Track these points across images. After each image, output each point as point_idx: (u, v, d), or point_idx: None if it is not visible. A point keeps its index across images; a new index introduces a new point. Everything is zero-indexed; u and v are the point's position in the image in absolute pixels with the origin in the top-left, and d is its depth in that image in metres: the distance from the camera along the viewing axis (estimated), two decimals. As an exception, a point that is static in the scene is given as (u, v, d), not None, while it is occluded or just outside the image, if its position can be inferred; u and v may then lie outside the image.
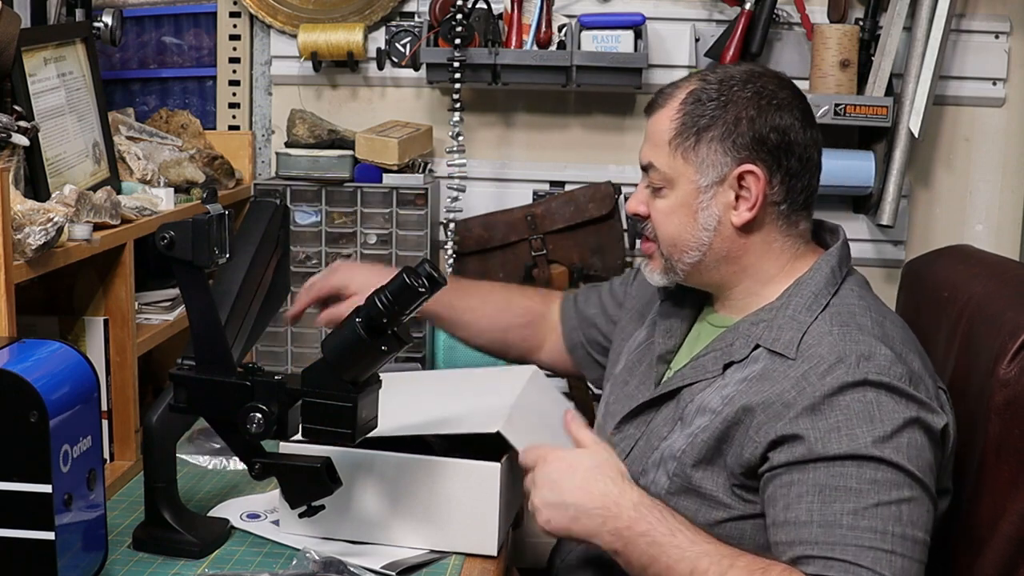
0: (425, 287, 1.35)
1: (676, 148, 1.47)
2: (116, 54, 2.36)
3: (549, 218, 2.31)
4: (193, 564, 1.47)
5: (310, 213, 2.20)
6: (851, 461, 1.29)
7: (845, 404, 1.32)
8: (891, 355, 1.35)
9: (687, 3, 2.29)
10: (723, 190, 1.46)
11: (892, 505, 1.28)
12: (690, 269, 1.50)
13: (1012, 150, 2.33)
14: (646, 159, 1.51)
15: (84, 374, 1.30)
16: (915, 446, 1.31)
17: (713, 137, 1.45)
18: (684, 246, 1.49)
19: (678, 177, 1.47)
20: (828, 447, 1.30)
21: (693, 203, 1.47)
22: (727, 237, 1.47)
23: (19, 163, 1.65)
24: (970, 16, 2.28)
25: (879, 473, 1.28)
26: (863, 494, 1.28)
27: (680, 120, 1.47)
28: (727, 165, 1.45)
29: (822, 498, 1.29)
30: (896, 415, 1.31)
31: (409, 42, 2.29)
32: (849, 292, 1.46)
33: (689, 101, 1.47)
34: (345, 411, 1.37)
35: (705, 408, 1.43)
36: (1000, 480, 1.35)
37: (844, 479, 1.29)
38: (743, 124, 1.44)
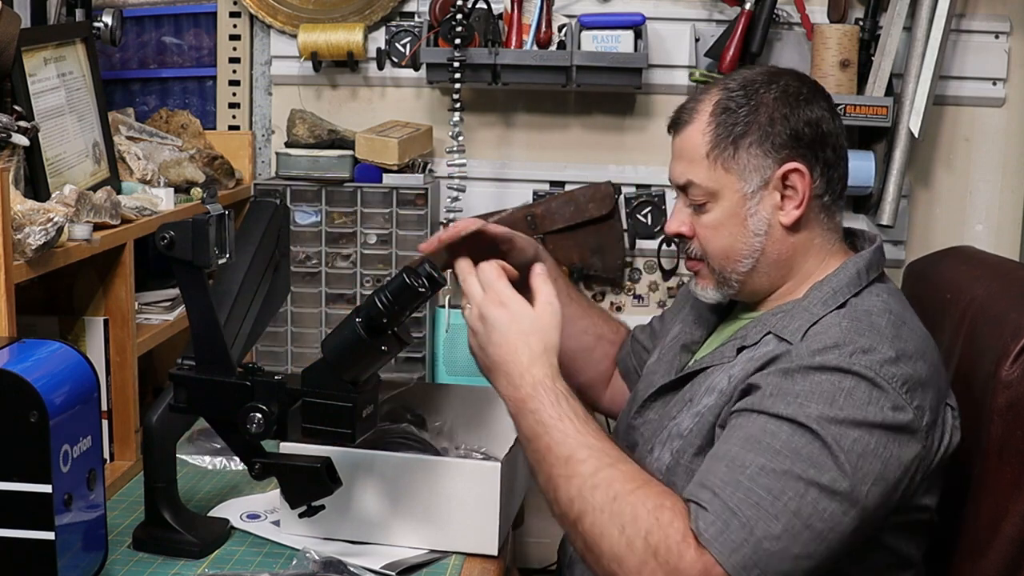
0: (425, 287, 1.35)
1: (715, 160, 1.46)
2: (116, 54, 2.36)
3: (549, 218, 2.31)
4: (193, 564, 1.47)
5: (310, 213, 2.20)
6: (788, 424, 1.28)
7: (817, 381, 1.31)
8: (892, 356, 1.33)
9: (687, 3, 2.29)
10: (768, 193, 1.46)
11: (803, 482, 1.25)
12: (744, 278, 1.50)
13: (1012, 150, 2.33)
14: (682, 178, 1.50)
15: (84, 374, 1.30)
16: (862, 446, 1.27)
17: (751, 142, 1.45)
18: (737, 255, 1.48)
19: (722, 189, 1.46)
20: (776, 405, 1.30)
21: (741, 211, 1.46)
22: (778, 239, 1.47)
23: (19, 163, 1.65)
24: (970, 16, 2.28)
25: (807, 448, 1.26)
26: (780, 456, 1.26)
27: (714, 132, 1.46)
28: (769, 167, 1.45)
29: (744, 444, 1.28)
30: (860, 411, 1.28)
31: (409, 42, 2.29)
32: (874, 296, 1.45)
33: (718, 112, 1.47)
34: (345, 411, 1.37)
35: (713, 388, 1.44)
36: (1002, 481, 1.35)
37: (772, 437, 1.28)
38: (777, 124, 1.45)
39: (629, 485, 1.27)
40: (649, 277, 2.38)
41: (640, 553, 1.23)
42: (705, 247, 1.50)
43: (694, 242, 1.52)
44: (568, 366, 1.82)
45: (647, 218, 2.34)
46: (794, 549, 1.23)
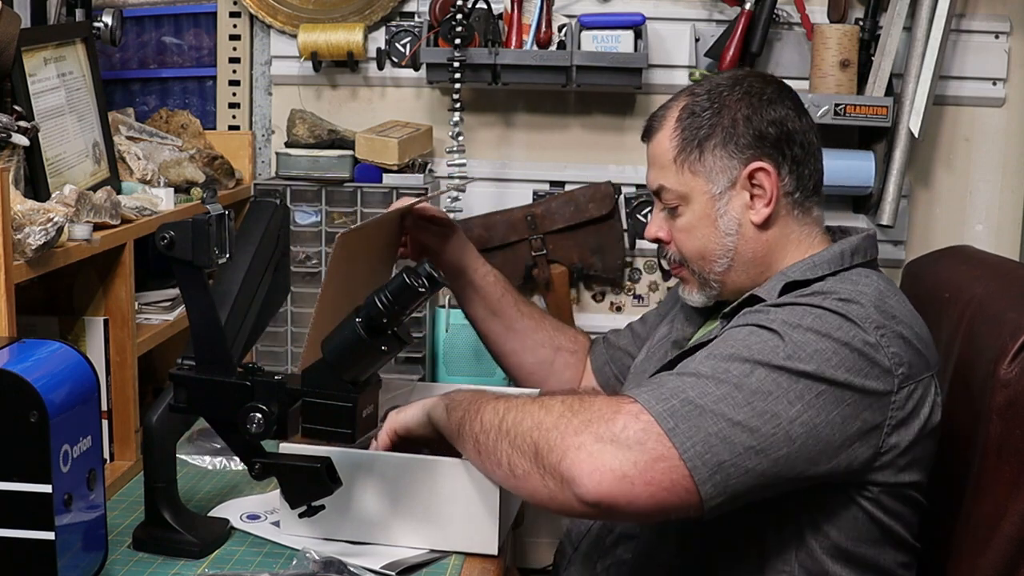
0: (425, 287, 1.35)
1: (682, 164, 1.50)
2: (116, 54, 2.36)
3: (549, 218, 2.31)
4: (193, 564, 1.47)
5: (310, 213, 2.20)
6: (748, 328, 1.33)
7: (788, 310, 1.33)
8: (872, 308, 1.33)
9: (687, 3, 2.29)
10: (737, 192, 1.49)
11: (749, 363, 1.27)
12: (722, 278, 1.53)
13: (1012, 150, 2.33)
14: (655, 183, 1.55)
15: (84, 374, 1.30)
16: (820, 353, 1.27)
17: (715, 144, 1.48)
18: (712, 256, 1.51)
19: (691, 192, 1.51)
20: (738, 323, 1.34)
21: (711, 212, 1.50)
22: (751, 237, 1.50)
23: (19, 163, 1.65)
24: (970, 16, 2.28)
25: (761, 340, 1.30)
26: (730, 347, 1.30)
27: (680, 136, 1.51)
28: (735, 168, 1.48)
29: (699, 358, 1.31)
30: (827, 327, 1.29)
31: (409, 42, 2.29)
32: (862, 275, 1.45)
33: (683, 117, 1.51)
34: (345, 411, 1.37)
35: (697, 355, 1.44)
36: (1001, 480, 1.35)
37: (726, 341, 1.32)
38: (740, 125, 1.48)
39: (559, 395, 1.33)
40: (649, 277, 2.39)
41: (576, 426, 1.25)
42: (681, 250, 1.54)
43: (671, 247, 1.56)
44: (529, 380, 1.86)
45: (647, 218, 2.33)
46: (731, 414, 1.23)
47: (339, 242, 1.54)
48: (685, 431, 1.22)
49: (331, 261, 1.55)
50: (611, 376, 1.84)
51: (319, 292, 1.56)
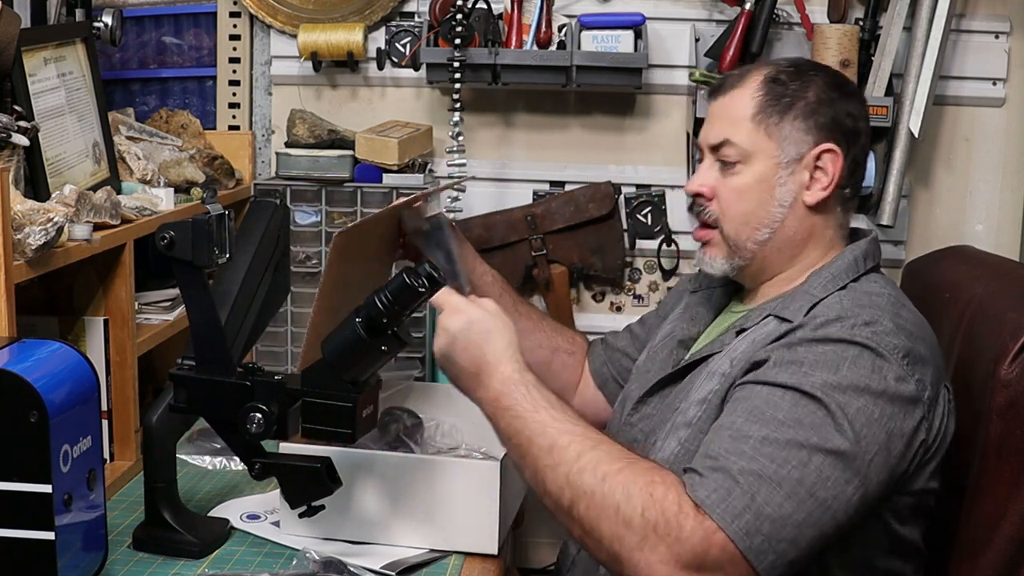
0: (425, 287, 1.35)
1: (759, 123, 1.49)
2: (116, 54, 2.36)
3: (549, 218, 2.31)
4: (193, 564, 1.47)
5: (310, 213, 2.20)
6: (791, 393, 1.29)
7: (820, 351, 1.32)
8: (893, 327, 1.35)
9: (687, 3, 2.29)
10: (799, 169, 1.49)
11: (807, 450, 1.24)
12: (758, 249, 1.51)
13: (1012, 150, 2.33)
14: (719, 136, 1.52)
15: (84, 374, 1.30)
16: (866, 415, 1.27)
17: (796, 115, 1.49)
18: (757, 223, 1.50)
19: (758, 152, 1.49)
20: (779, 375, 1.31)
21: (772, 179, 1.49)
22: (799, 216, 1.50)
23: (19, 163, 1.65)
24: (970, 16, 2.27)
25: (811, 416, 1.26)
26: (784, 426, 1.26)
27: (763, 97, 1.50)
28: (808, 144, 1.49)
29: (748, 416, 1.29)
30: (864, 379, 1.29)
31: (409, 42, 2.29)
32: (872, 282, 1.48)
33: (768, 80, 1.51)
34: (345, 411, 1.37)
35: (715, 372, 1.45)
36: (1001, 481, 1.35)
37: (775, 408, 1.28)
38: (824, 105, 1.49)
39: (616, 464, 1.27)
40: (649, 277, 2.38)
41: (639, 529, 1.22)
42: (725, 210, 1.52)
43: (713, 204, 1.53)
44: (548, 364, 1.84)
45: (647, 218, 2.34)
46: (798, 516, 1.23)
47: (336, 241, 1.54)
48: (759, 547, 1.22)
49: (329, 260, 1.55)
50: (609, 378, 1.84)
51: (316, 291, 1.56)
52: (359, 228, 1.61)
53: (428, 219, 1.77)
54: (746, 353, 1.42)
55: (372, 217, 1.69)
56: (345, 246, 1.55)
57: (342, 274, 1.58)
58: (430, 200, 2.07)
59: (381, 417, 1.69)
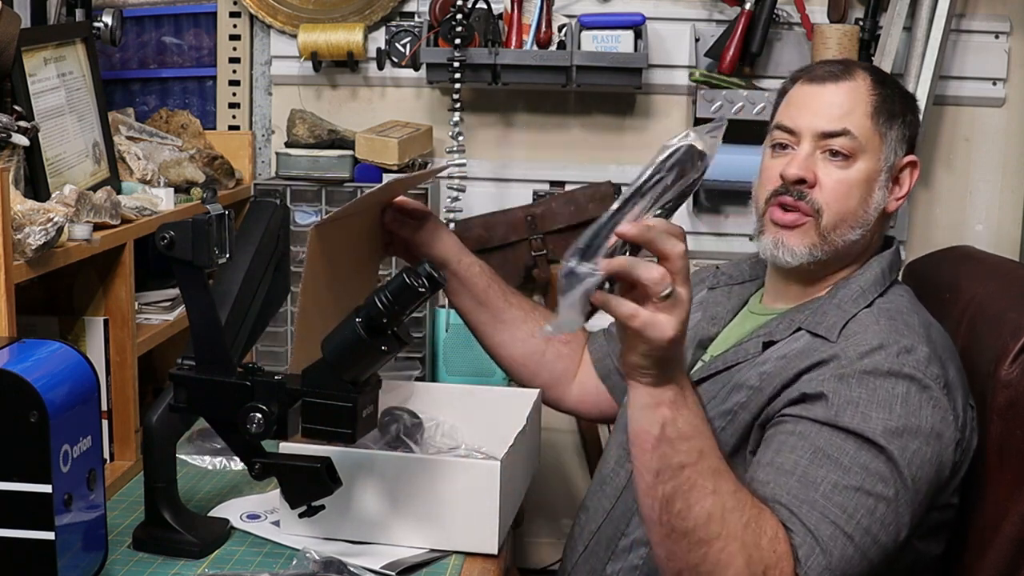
0: (425, 287, 1.35)
1: (876, 122, 1.50)
2: (116, 54, 2.36)
3: (549, 218, 2.31)
4: (193, 564, 1.47)
5: (310, 213, 2.20)
6: (854, 439, 1.30)
7: (873, 386, 1.32)
8: (930, 354, 1.36)
9: (687, 3, 2.29)
10: (890, 176, 1.52)
11: (872, 497, 1.27)
12: (844, 246, 1.50)
13: (1012, 150, 2.33)
14: (839, 124, 1.48)
15: (84, 374, 1.30)
16: (920, 457, 1.30)
17: (901, 123, 1.51)
18: (854, 221, 1.49)
19: (871, 151, 1.49)
20: (840, 417, 1.31)
21: (875, 180, 1.50)
22: (880, 222, 1.53)
23: (19, 163, 1.65)
24: (970, 16, 2.28)
25: (875, 462, 1.29)
26: (851, 473, 1.28)
27: (879, 97, 1.50)
28: (900, 153, 1.52)
29: (813, 458, 1.29)
30: (915, 418, 1.31)
31: (409, 42, 2.29)
32: (898, 296, 1.49)
33: (878, 81, 1.52)
34: (345, 411, 1.37)
35: (743, 385, 1.44)
36: (1002, 482, 1.35)
37: (840, 452, 1.29)
38: (911, 117, 1.53)
39: (754, 510, 1.24)
40: (649, 277, 2.38)
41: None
42: (830, 201, 1.48)
43: (815, 192, 1.48)
44: (520, 372, 1.85)
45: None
46: (863, 563, 1.28)
47: (313, 235, 1.53)
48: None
49: (308, 255, 1.53)
50: (612, 369, 1.83)
51: (300, 288, 1.55)
52: (336, 221, 1.60)
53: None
54: (778, 370, 1.41)
55: (349, 207, 1.65)
56: (324, 240, 1.55)
57: (325, 268, 1.57)
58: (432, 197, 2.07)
59: (381, 417, 1.69)
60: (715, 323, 1.62)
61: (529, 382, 1.85)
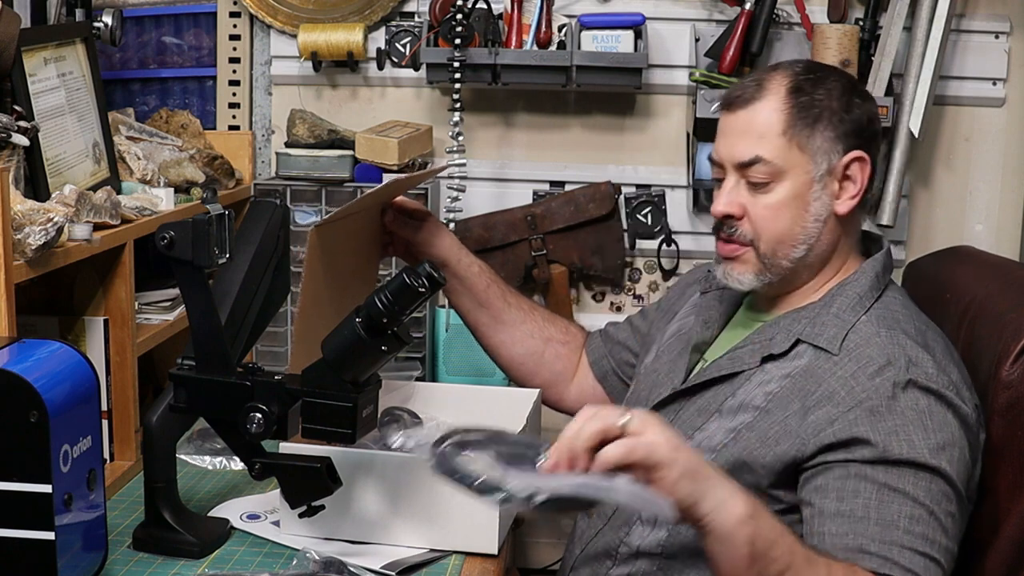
0: (425, 287, 1.35)
1: (791, 139, 1.45)
2: (116, 54, 2.36)
3: (549, 218, 2.31)
4: (193, 564, 1.47)
5: (310, 213, 2.20)
6: (909, 467, 1.31)
7: (901, 409, 1.33)
8: (933, 362, 1.37)
9: (687, 3, 2.29)
10: (831, 180, 1.47)
11: (943, 516, 1.31)
12: (794, 266, 1.48)
13: (1012, 150, 2.33)
14: (748, 154, 1.46)
15: (84, 374, 1.30)
16: (962, 461, 1.33)
17: (826, 126, 1.45)
18: (793, 240, 1.47)
19: (791, 168, 1.45)
20: (889, 450, 1.32)
21: (807, 194, 1.46)
22: (831, 228, 1.48)
23: (19, 163, 1.65)
24: (970, 16, 2.27)
25: (934, 484, 1.31)
26: (919, 501, 1.30)
27: (791, 110, 1.45)
28: (838, 153, 1.46)
29: (880, 497, 1.30)
30: (946, 429, 1.33)
31: (409, 42, 2.29)
32: (893, 299, 1.48)
33: (792, 90, 1.46)
34: (345, 411, 1.37)
35: (748, 404, 1.43)
36: (1003, 482, 1.35)
37: (902, 483, 1.31)
38: (848, 111, 1.46)
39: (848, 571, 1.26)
40: (649, 277, 2.38)
41: None
42: (760, 230, 1.47)
43: (744, 224, 1.48)
44: (519, 372, 1.85)
45: (647, 218, 2.33)
46: (949, 569, 1.31)
47: (313, 235, 1.53)
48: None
49: (308, 255, 1.53)
50: (609, 371, 1.83)
51: (300, 288, 1.55)
52: (335, 222, 1.60)
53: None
54: (786, 392, 1.40)
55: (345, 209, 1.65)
56: (322, 242, 1.55)
57: (325, 269, 1.57)
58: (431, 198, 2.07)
59: (381, 417, 1.69)
60: (709, 327, 1.61)
61: (528, 382, 1.85)
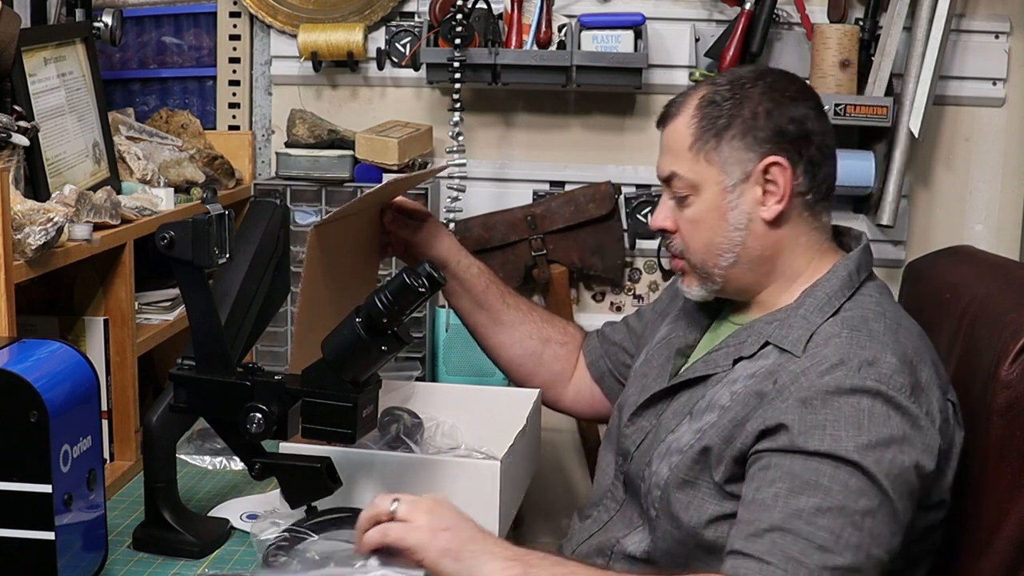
0: (425, 287, 1.35)
1: (698, 152, 1.47)
2: (116, 54, 2.36)
3: (549, 218, 2.31)
4: (193, 564, 1.47)
5: (310, 213, 2.20)
6: (829, 460, 1.28)
7: (837, 406, 1.31)
8: (896, 364, 1.34)
9: (687, 3, 2.29)
10: (750, 187, 1.46)
11: (856, 514, 1.26)
12: (726, 274, 1.49)
13: (1012, 150, 2.33)
14: (667, 170, 1.50)
15: (84, 374, 1.30)
16: (897, 466, 1.29)
17: (734, 135, 1.45)
18: (718, 250, 1.48)
19: (703, 181, 1.47)
20: (809, 442, 1.29)
21: (722, 204, 1.47)
22: (759, 235, 1.47)
23: (19, 163, 1.65)
24: (970, 16, 2.27)
25: (852, 479, 1.27)
26: (831, 494, 1.27)
27: (698, 124, 1.47)
28: (751, 160, 1.45)
29: (791, 487, 1.28)
30: (885, 429, 1.30)
31: (409, 42, 2.29)
32: (867, 298, 1.46)
33: (703, 105, 1.48)
34: (345, 411, 1.37)
35: (715, 404, 1.43)
36: (1002, 482, 1.35)
37: (817, 475, 1.28)
38: (761, 118, 1.45)
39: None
40: (649, 277, 2.38)
41: None
42: (688, 242, 1.50)
43: (676, 238, 1.52)
44: (518, 373, 1.85)
45: (647, 218, 2.33)
46: (859, 567, 1.26)
47: (313, 235, 1.53)
48: None
49: (308, 255, 1.54)
50: (606, 372, 1.84)
51: (300, 288, 1.55)
52: (336, 222, 1.60)
53: None
54: (747, 389, 1.40)
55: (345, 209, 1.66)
56: (322, 242, 1.55)
57: (324, 269, 1.57)
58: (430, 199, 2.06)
59: (381, 417, 1.69)
60: (691, 331, 1.61)
61: (526, 383, 1.85)
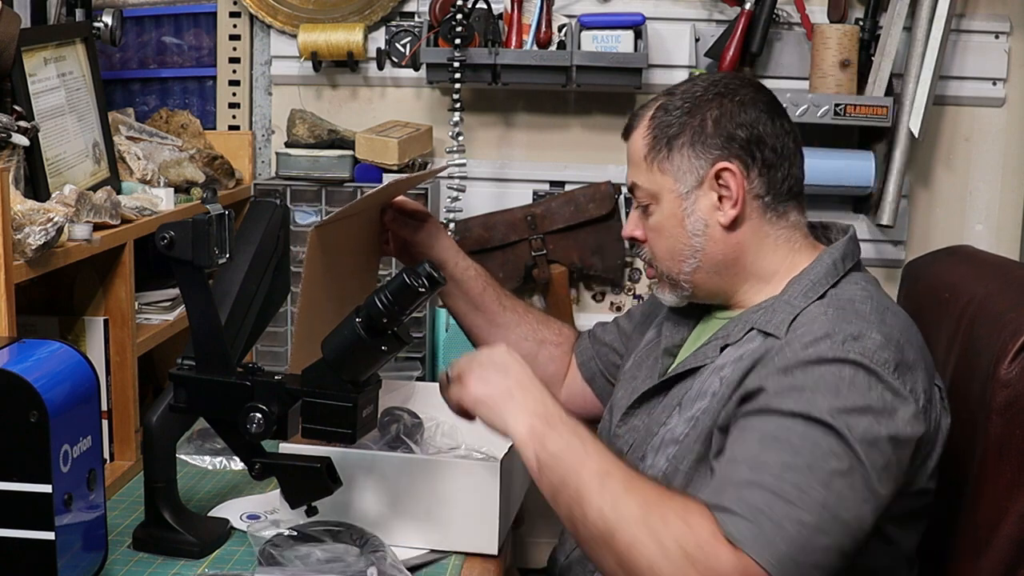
0: (425, 287, 1.35)
1: (652, 162, 1.50)
2: (116, 54, 2.36)
3: (549, 218, 2.31)
4: (193, 564, 1.47)
5: (310, 213, 2.20)
6: (801, 419, 1.28)
7: (818, 373, 1.31)
8: (881, 340, 1.34)
9: (687, 3, 2.29)
10: (704, 193, 1.48)
11: (825, 472, 1.25)
12: (692, 279, 1.52)
13: (1012, 150, 2.33)
14: (630, 181, 1.55)
15: (84, 374, 1.30)
16: (872, 434, 1.28)
17: (683, 143, 1.49)
18: (679, 256, 1.51)
19: (660, 190, 1.50)
20: (784, 403, 1.30)
21: (678, 212, 1.49)
22: (718, 239, 1.49)
23: (19, 163, 1.65)
24: (970, 16, 2.28)
25: (824, 440, 1.27)
26: (800, 452, 1.26)
27: (651, 135, 1.51)
28: (702, 168, 1.48)
29: (762, 445, 1.28)
30: (863, 398, 1.29)
31: (409, 42, 2.29)
32: (852, 284, 1.46)
33: (657, 115, 1.51)
34: (345, 411, 1.37)
35: (706, 392, 1.44)
36: (1001, 481, 1.35)
37: (788, 433, 1.28)
38: (709, 125, 1.48)
39: (654, 494, 1.27)
40: (649, 277, 2.39)
41: (676, 560, 1.22)
42: (653, 250, 1.54)
43: (646, 247, 1.56)
44: (534, 356, 1.84)
45: (647, 218, 2.33)
46: (825, 540, 1.24)
47: (313, 235, 1.54)
48: (792, 574, 1.23)
49: (308, 255, 1.54)
50: (597, 373, 1.84)
51: (300, 288, 1.55)
52: (336, 223, 1.61)
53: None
54: (734, 372, 1.41)
55: (349, 209, 1.66)
56: (322, 242, 1.55)
57: (324, 269, 1.57)
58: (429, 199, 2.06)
59: (381, 417, 1.69)
60: (678, 329, 1.62)
61: None
